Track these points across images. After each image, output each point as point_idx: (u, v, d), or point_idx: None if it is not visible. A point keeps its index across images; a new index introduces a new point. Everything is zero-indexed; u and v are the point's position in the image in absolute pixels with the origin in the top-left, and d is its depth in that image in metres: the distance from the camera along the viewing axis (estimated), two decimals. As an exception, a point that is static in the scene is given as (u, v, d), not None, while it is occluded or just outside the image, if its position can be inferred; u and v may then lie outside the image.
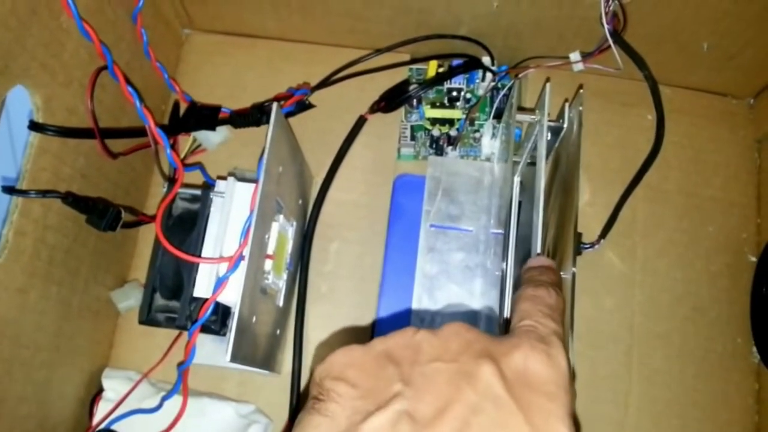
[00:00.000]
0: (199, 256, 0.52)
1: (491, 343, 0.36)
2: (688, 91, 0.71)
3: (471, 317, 0.63)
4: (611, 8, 0.58)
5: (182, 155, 0.65)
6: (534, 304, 0.40)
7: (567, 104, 0.55)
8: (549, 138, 0.58)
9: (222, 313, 0.53)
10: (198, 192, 0.54)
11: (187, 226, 0.53)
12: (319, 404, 0.35)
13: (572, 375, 0.36)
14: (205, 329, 0.53)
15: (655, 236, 0.67)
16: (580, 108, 0.52)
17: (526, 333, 0.37)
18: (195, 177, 0.65)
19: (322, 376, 0.36)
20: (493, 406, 0.33)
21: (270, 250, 0.53)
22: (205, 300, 0.50)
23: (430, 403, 0.33)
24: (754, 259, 0.67)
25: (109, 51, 0.52)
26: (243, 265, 0.47)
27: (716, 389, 0.65)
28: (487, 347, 0.35)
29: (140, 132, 0.55)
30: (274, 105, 0.50)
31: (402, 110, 0.69)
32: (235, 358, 0.45)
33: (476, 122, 0.68)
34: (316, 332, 0.64)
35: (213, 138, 0.65)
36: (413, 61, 0.69)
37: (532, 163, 0.58)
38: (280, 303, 0.58)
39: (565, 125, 0.55)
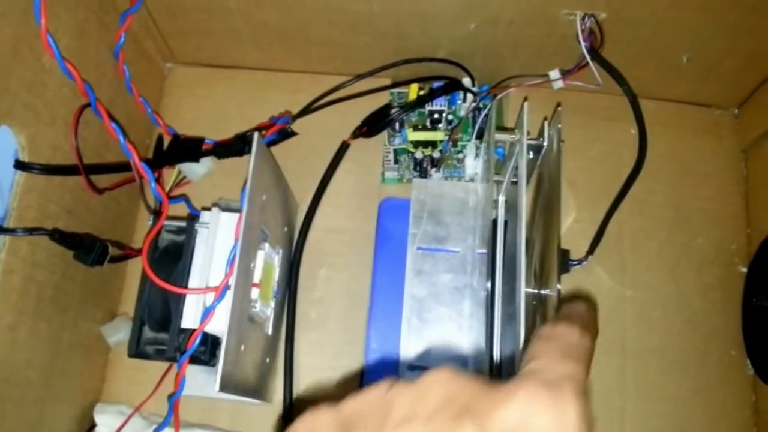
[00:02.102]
0: (186, 288, 0.54)
1: (479, 396, 0.29)
2: (672, 104, 0.74)
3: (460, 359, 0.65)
4: (587, 25, 0.61)
5: (167, 187, 0.68)
6: (547, 343, 0.34)
7: (546, 123, 0.58)
8: (531, 156, 0.61)
9: (211, 343, 0.55)
10: (183, 224, 0.57)
11: (173, 258, 0.56)
12: None
13: (590, 428, 0.29)
14: (195, 360, 0.55)
15: (644, 250, 0.70)
16: (559, 126, 0.55)
17: (527, 378, 0.30)
18: (181, 209, 0.68)
19: None
20: None
21: (256, 279, 0.56)
22: (193, 330, 0.52)
23: None
24: (745, 269, 0.69)
25: (92, 88, 0.55)
26: (229, 295, 0.50)
27: (713, 402, 0.67)
28: (471, 402, 0.29)
29: (125, 167, 0.58)
30: (255, 135, 0.53)
31: (385, 134, 0.72)
32: (224, 388, 0.48)
33: (459, 143, 0.71)
34: (306, 359, 0.66)
35: (197, 169, 0.68)
36: (394, 85, 0.72)
37: (516, 182, 0.61)
38: (269, 331, 0.61)
39: (545, 143, 0.58)
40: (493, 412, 0.28)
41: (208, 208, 0.57)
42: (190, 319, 0.53)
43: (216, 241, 0.55)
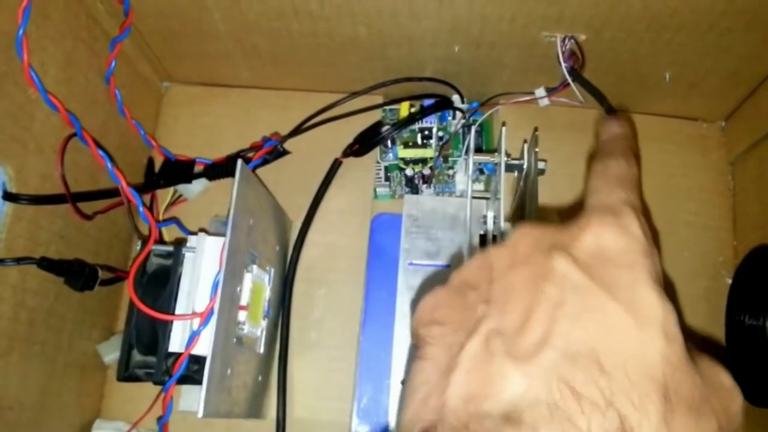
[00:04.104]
0: (173, 313, 0.54)
1: (559, 233, 0.35)
2: (659, 118, 0.72)
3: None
4: (568, 47, 0.60)
5: (163, 206, 0.68)
6: (601, 177, 0.39)
7: (525, 146, 0.57)
8: (515, 174, 0.61)
9: (203, 362, 0.55)
10: (171, 248, 0.56)
11: (161, 282, 0.55)
12: (419, 351, 0.36)
13: (653, 236, 0.35)
14: (187, 379, 0.55)
15: (631, 264, 0.68)
16: (536, 150, 0.54)
17: (593, 210, 0.36)
18: (176, 230, 0.67)
19: (415, 326, 0.37)
20: (575, 294, 0.32)
21: (244, 302, 0.55)
22: (181, 354, 0.52)
23: (514, 312, 0.33)
24: (731, 281, 0.67)
25: (84, 116, 0.54)
26: (213, 322, 0.49)
27: (701, 414, 0.65)
28: (555, 239, 0.34)
29: (115, 192, 0.57)
30: (239, 162, 0.53)
31: (377, 151, 0.71)
32: (208, 413, 0.47)
33: (450, 159, 0.70)
34: (300, 375, 0.66)
35: (193, 188, 0.68)
36: (386, 103, 0.71)
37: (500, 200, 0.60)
38: (260, 350, 0.60)
39: (525, 166, 0.57)
40: (574, 242, 0.34)
41: (201, 230, 0.57)
42: (177, 343, 0.53)
43: (202, 266, 0.54)
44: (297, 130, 0.68)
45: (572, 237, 0.34)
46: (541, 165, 0.59)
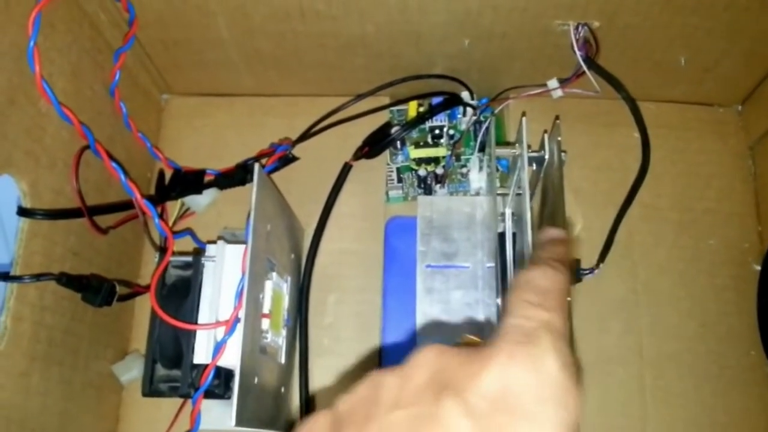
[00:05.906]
0: (196, 323, 0.55)
1: (461, 366, 0.30)
2: (674, 105, 0.75)
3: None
4: (581, 34, 0.62)
5: (171, 220, 0.69)
6: (522, 293, 0.33)
7: (546, 135, 0.59)
8: (534, 168, 0.62)
9: (224, 376, 0.56)
10: (189, 258, 0.58)
11: (181, 294, 0.57)
12: None
13: (575, 374, 0.29)
14: (209, 394, 0.56)
15: (655, 255, 0.70)
16: (559, 138, 0.56)
17: (504, 336, 0.30)
18: (187, 242, 0.69)
19: None
20: None
21: (266, 309, 0.57)
22: (206, 366, 0.53)
23: None
24: (758, 267, 0.69)
25: (90, 128, 0.56)
26: (240, 328, 0.51)
27: (735, 405, 0.67)
28: (454, 375, 0.29)
29: (128, 205, 0.59)
30: (257, 166, 0.54)
31: (387, 153, 0.73)
32: (240, 422, 0.49)
33: (462, 157, 0.72)
34: (321, 385, 0.67)
35: (201, 201, 0.69)
36: (393, 103, 0.73)
37: (521, 194, 0.62)
38: (282, 360, 0.62)
39: (546, 156, 0.59)
40: (473, 382, 0.28)
41: (213, 241, 0.59)
42: (202, 354, 0.55)
43: (223, 275, 0.56)
44: (305, 135, 0.70)
45: (472, 374, 0.29)
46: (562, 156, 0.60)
